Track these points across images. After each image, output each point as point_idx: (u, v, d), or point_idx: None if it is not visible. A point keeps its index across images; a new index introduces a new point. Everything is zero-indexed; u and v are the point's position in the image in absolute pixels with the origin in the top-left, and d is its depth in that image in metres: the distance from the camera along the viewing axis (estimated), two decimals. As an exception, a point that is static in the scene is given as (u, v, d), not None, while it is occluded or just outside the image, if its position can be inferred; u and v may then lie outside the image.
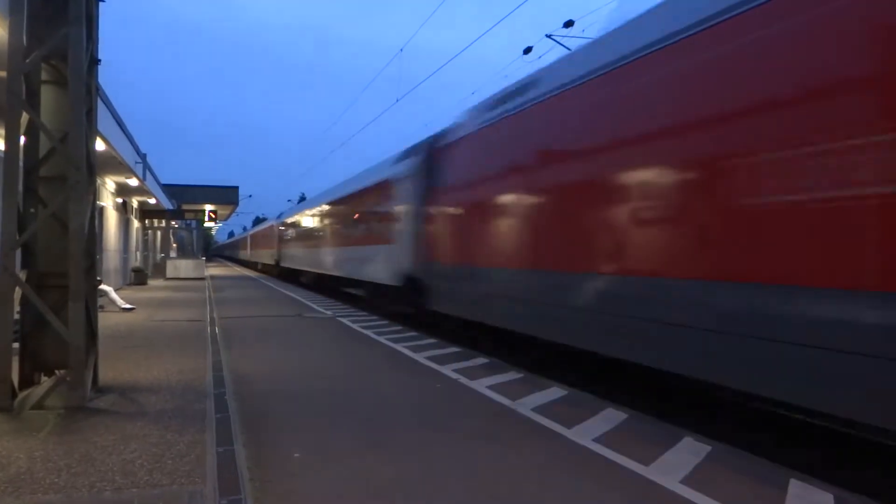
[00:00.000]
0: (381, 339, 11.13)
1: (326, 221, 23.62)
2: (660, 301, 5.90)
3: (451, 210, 10.92)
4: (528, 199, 8.42)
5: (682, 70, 5.84)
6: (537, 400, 6.63)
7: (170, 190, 35.60)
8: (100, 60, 6.88)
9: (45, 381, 6.21)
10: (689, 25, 5.84)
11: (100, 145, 12.94)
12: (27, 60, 6.02)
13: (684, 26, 5.91)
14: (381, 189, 15.98)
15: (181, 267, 33.35)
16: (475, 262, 9.83)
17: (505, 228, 9.03)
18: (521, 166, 8.68)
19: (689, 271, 5.57)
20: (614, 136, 6.68)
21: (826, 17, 4.55)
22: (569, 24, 14.60)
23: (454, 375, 7.87)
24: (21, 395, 6.01)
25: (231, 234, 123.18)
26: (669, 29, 6.11)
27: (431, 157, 12.51)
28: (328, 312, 15.92)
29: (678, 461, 4.73)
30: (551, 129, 7.94)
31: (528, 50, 16.12)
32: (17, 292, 5.98)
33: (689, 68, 5.75)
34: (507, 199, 9.03)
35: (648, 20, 6.61)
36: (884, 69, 4.14)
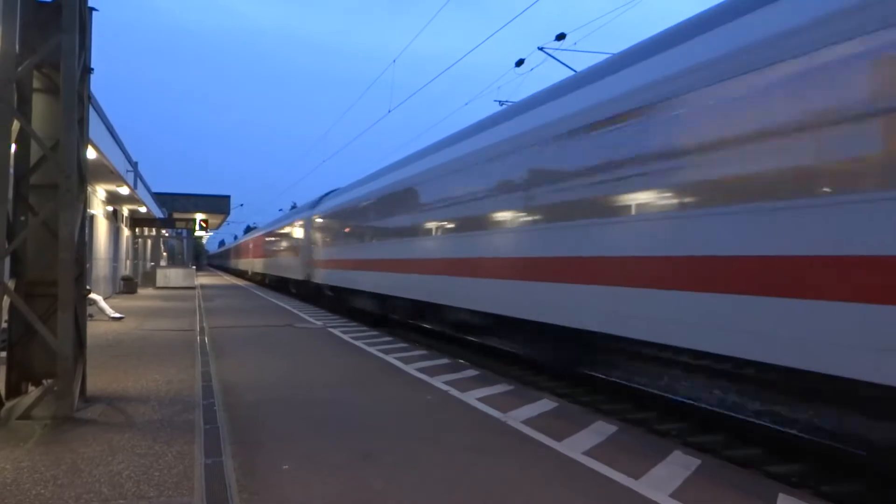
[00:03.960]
0: (372, 349, 11.10)
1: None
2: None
3: None
4: None
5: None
6: (527, 412, 6.62)
7: (161, 198, 35.48)
8: (92, 69, 6.88)
9: (33, 391, 6.14)
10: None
11: (91, 153, 12.89)
12: (19, 68, 6.01)
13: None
14: None
15: (171, 276, 33.18)
16: None
17: None
18: None
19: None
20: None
21: None
22: (561, 37, 14.72)
23: (444, 387, 7.85)
24: (8, 404, 5.95)
25: (222, 244, 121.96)
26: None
27: None
28: (319, 323, 15.87)
29: (667, 474, 4.74)
30: None
31: (520, 62, 16.24)
32: (5, 301, 5.93)
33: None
34: None
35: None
36: None
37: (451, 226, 11.25)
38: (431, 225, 12.19)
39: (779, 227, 5.03)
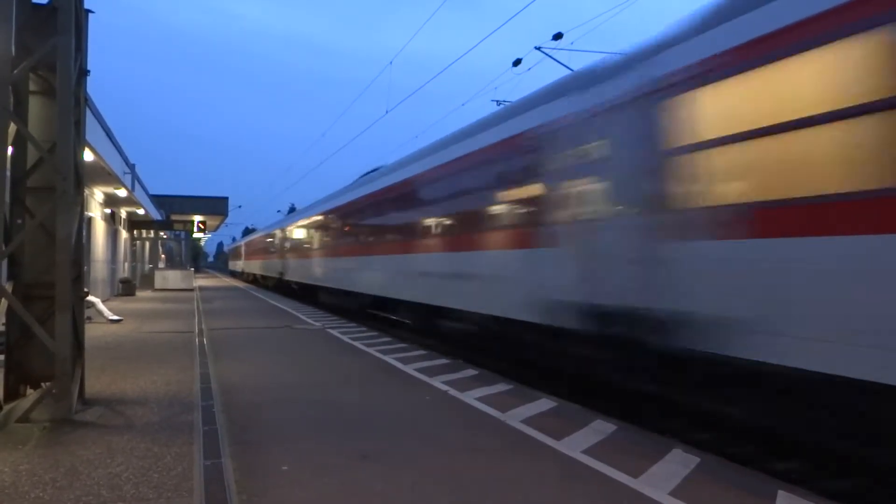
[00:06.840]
0: (371, 350, 11.10)
1: None
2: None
3: None
4: None
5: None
6: (526, 412, 6.63)
7: (158, 200, 35.45)
8: (88, 71, 6.87)
9: (31, 394, 6.14)
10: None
11: (88, 156, 12.88)
12: (15, 71, 6.00)
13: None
14: None
15: (169, 278, 33.18)
16: None
17: None
18: None
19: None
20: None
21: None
22: (558, 36, 14.72)
23: (443, 387, 7.85)
24: (6, 407, 5.94)
25: (220, 246, 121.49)
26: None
27: None
28: (317, 324, 15.86)
29: (667, 473, 4.74)
30: None
31: (517, 62, 16.23)
32: (3, 303, 5.93)
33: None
34: None
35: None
36: None
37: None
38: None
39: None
